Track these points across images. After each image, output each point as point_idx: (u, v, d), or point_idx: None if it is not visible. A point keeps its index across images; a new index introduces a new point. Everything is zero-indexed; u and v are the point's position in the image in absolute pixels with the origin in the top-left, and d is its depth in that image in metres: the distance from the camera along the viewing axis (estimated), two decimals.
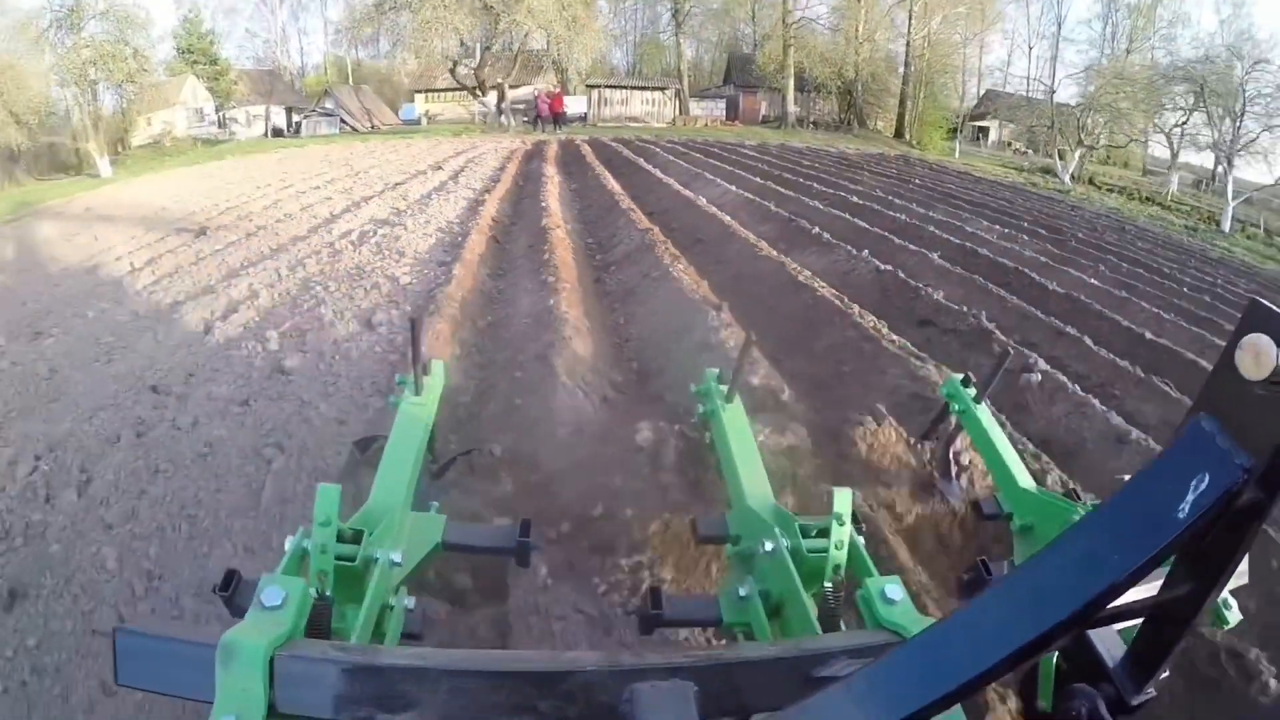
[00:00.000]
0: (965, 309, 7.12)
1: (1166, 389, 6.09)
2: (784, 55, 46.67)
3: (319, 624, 1.60)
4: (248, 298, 7.55)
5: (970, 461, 3.95)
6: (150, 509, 3.92)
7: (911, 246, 10.21)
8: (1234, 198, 33.16)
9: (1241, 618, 2.07)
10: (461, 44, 40.23)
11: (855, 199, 14.73)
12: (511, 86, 43.53)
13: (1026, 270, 9.83)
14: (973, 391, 3.41)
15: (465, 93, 43.20)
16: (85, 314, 7.76)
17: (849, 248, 9.47)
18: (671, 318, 6.52)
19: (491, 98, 42.73)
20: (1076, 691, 1.23)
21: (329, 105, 46.85)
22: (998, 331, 6.64)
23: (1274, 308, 0.84)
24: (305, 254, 9.49)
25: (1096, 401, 5.42)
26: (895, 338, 6.06)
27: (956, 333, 6.72)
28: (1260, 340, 0.82)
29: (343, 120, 44.88)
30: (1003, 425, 3.85)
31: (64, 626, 3.20)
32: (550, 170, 18.10)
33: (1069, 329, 7.32)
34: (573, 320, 6.10)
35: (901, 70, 48.89)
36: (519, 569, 2.83)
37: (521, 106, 42.96)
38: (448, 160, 21.49)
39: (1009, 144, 49.02)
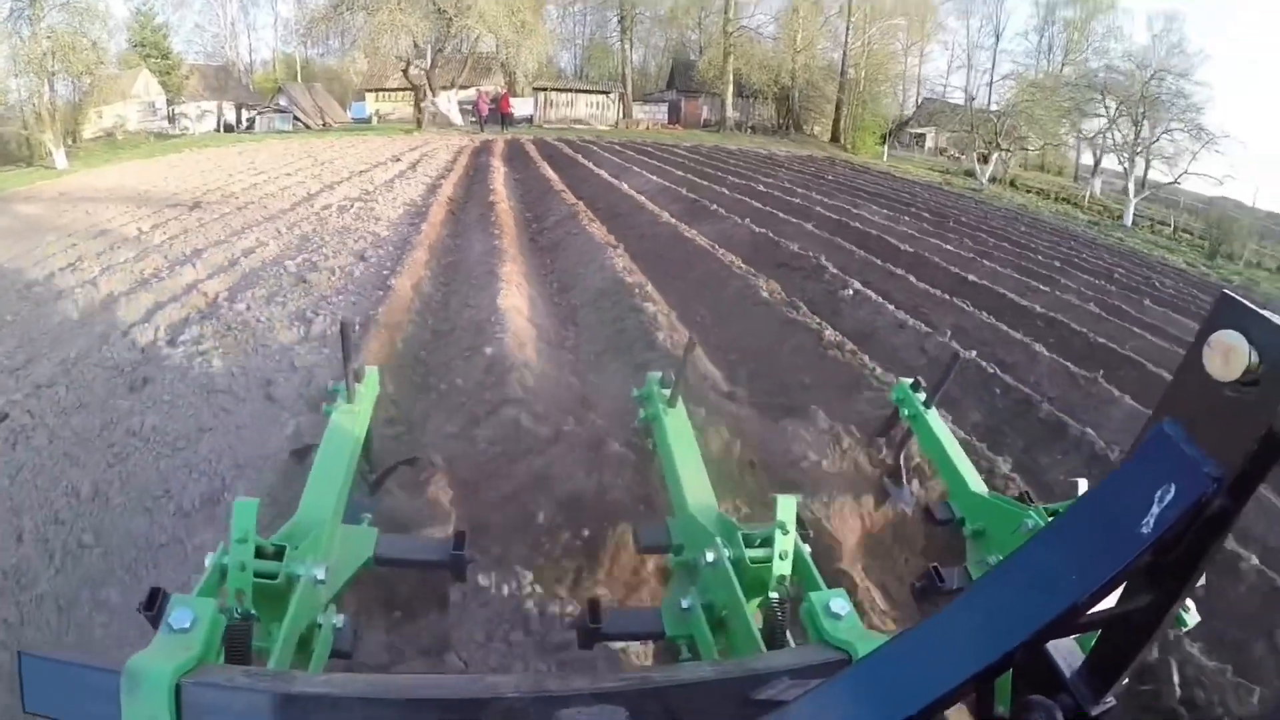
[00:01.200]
0: (813, 256, 9.66)
1: (962, 305, 8.67)
2: (724, 62, 49.41)
3: (238, 645, 1.61)
4: (258, 246, 9.87)
5: (917, 465, 4.14)
6: (242, 330, 6.30)
7: (793, 220, 12.84)
8: (1135, 195, 36.85)
9: (1200, 619, 2.12)
10: (414, 45, 42.09)
11: (761, 188, 17.47)
12: (461, 87, 45.73)
13: (887, 238, 12.50)
14: (923, 396, 3.53)
15: (415, 92, 45.23)
16: (118, 259, 9.84)
17: (738, 219, 12.04)
18: (583, 255, 9.10)
19: (442, 98, 44.78)
20: (1033, 704, 1.12)
21: (283, 102, 48.25)
22: (832, 268, 9.16)
23: (1243, 301, 0.82)
24: (296, 220, 11.82)
25: (893, 308, 7.90)
26: (743, 268, 8.59)
27: (801, 270, 9.25)
28: (1229, 337, 0.80)
29: (295, 117, 46.16)
30: (856, 347, 6.18)
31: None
32: (497, 163, 20.55)
33: (900, 272, 9.92)
34: (511, 254, 8.63)
35: (839, 78, 51.58)
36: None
37: (469, 107, 45.15)
38: (404, 154, 23.87)
39: (943, 150, 51.74)
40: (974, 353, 6.73)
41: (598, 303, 7.33)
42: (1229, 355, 0.79)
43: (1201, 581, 1.03)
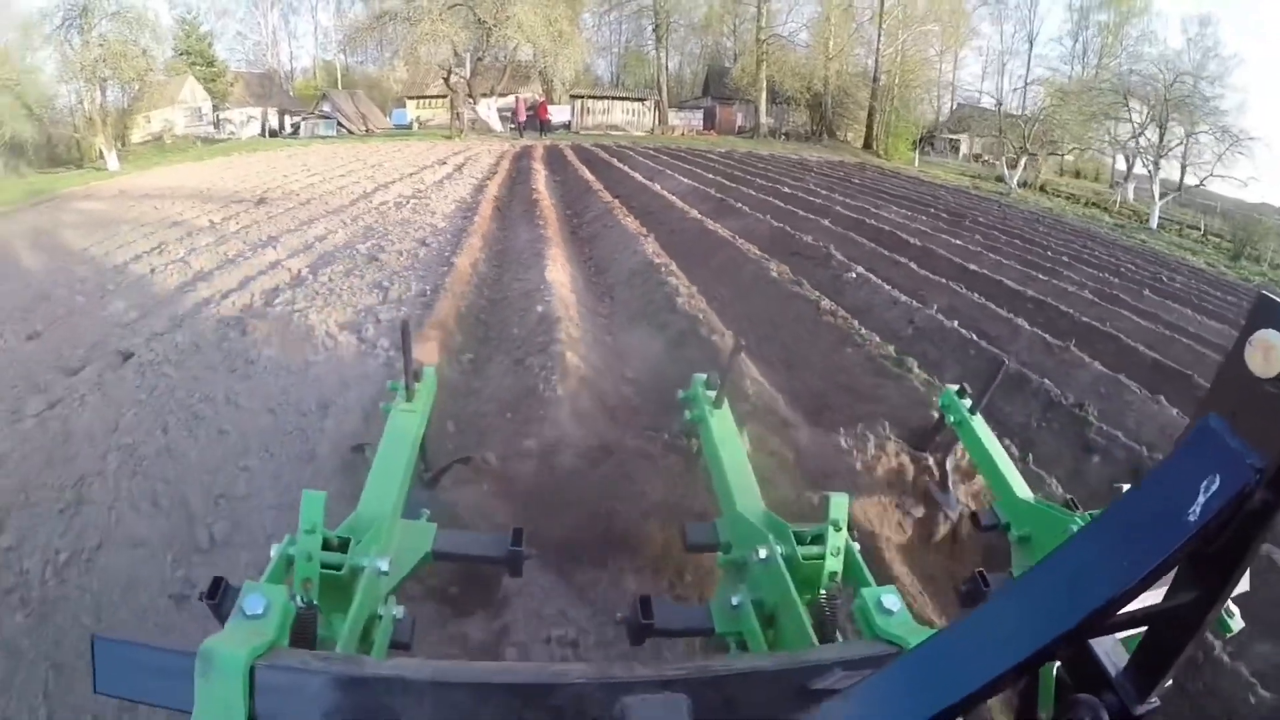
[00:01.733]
0: (825, 246, 10.78)
1: (958, 289, 9.72)
2: (757, 69, 50.71)
3: (304, 633, 1.69)
4: (328, 234, 11.17)
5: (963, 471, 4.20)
6: (329, 295, 7.53)
7: (812, 218, 13.98)
8: (1161, 198, 37.65)
9: (1244, 625, 2.15)
10: (455, 54, 43.64)
11: (786, 190, 18.66)
12: (500, 94, 47.24)
13: (900, 234, 13.60)
14: (968, 403, 3.57)
15: (454, 99, 46.64)
16: (200, 244, 11.09)
17: (760, 215, 13.21)
18: (617, 244, 10.32)
19: (482, 105, 46.29)
20: (1078, 702, 1.20)
21: (326, 108, 49.88)
22: (840, 256, 10.28)
23: None
24: (358, 214, 13.14)
25: (890, 289, 8.97)
26: (759, 254, 9.73)
27: (812, 258, 10.38)
28: (1270, 336, 0.84)
29: (339, 123, 47.87)
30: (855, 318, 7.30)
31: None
32: (538, 166, 21.99)
33: (905, 261, 11.01)
34: (554, 242, 9.88)
35: (871, 85, 52.42)
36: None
37: (508, 114, 46.79)
38: (448, 158, 25.29)
39: (978, 156, 52.23)
40: (956, 322, 7.82)
41: (630, 280, 8.56)
42: (1269, 354, 0.83)
43: (1244, 587, 1.09)
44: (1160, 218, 37.61)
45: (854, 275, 9.37)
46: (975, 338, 7.53)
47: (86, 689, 2.35)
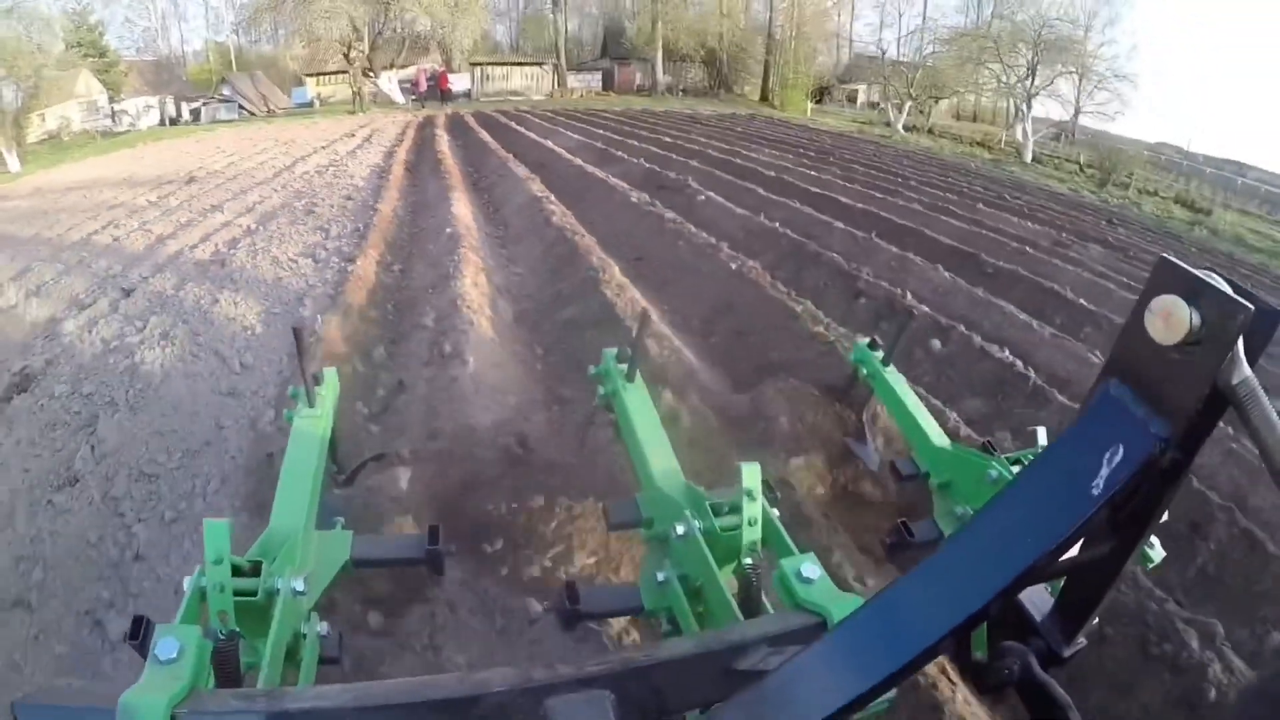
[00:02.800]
0: (687, 180, 13.18)
1: (797, 206, 12.13)
2: (653, 29, 53.04)
3: (227, 666, 1.69)
4: (263, 199, 13.25)
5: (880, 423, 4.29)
6: (281, 239, 9.69)
7: (684, 160, 16.44)
8: (1033, 134, 41.60)
9: (1165, 554, 2.32)
10: (353, 29, 45.01)
11: (668, 139, 21.17)
12: (400, 67, 48.80)
13: (761, 170, 16.10)
14: (880, 355, 3.69)
15: (353, 74, 47.88)
16: (150, 218, 13.03)
17: (638, 160, 15.59)
18: (510, 188, 12.71)
19: (383, 78, 47.80)
20: (1007, 649, 1.26)
21: (226, 91, 50.46)
22: (696, 185, 12.70)
23: (1183, 265, 0.89)
24: (284, 182, 15.20)
25: (734, 208, 11.32)
26: (627, 189, 12.11)
27: (672, 189, 12.78)
28: (1171, 302, 0.86)
29: (240, 106, 48.47)
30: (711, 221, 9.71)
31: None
32: (441, 133, 24.10)
33: (756, 188, 13.45)
34: (458, 190, 12.19)
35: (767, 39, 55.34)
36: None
37: (409, 85, 48.29)
38: (356, 131, 27.19)
39: (874, 104, 54.65)
40: (777, 223, 10.27)
41: (519, 211, 10.97)
42: (1170, 319, 0.86)
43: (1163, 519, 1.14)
44: (1040, 153, 41.16)
45: (703, 198, 11.80)
46: (791, 234, 9.94)
47: None
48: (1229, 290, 0.86)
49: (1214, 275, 0.88)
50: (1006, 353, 6.30)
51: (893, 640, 1.04)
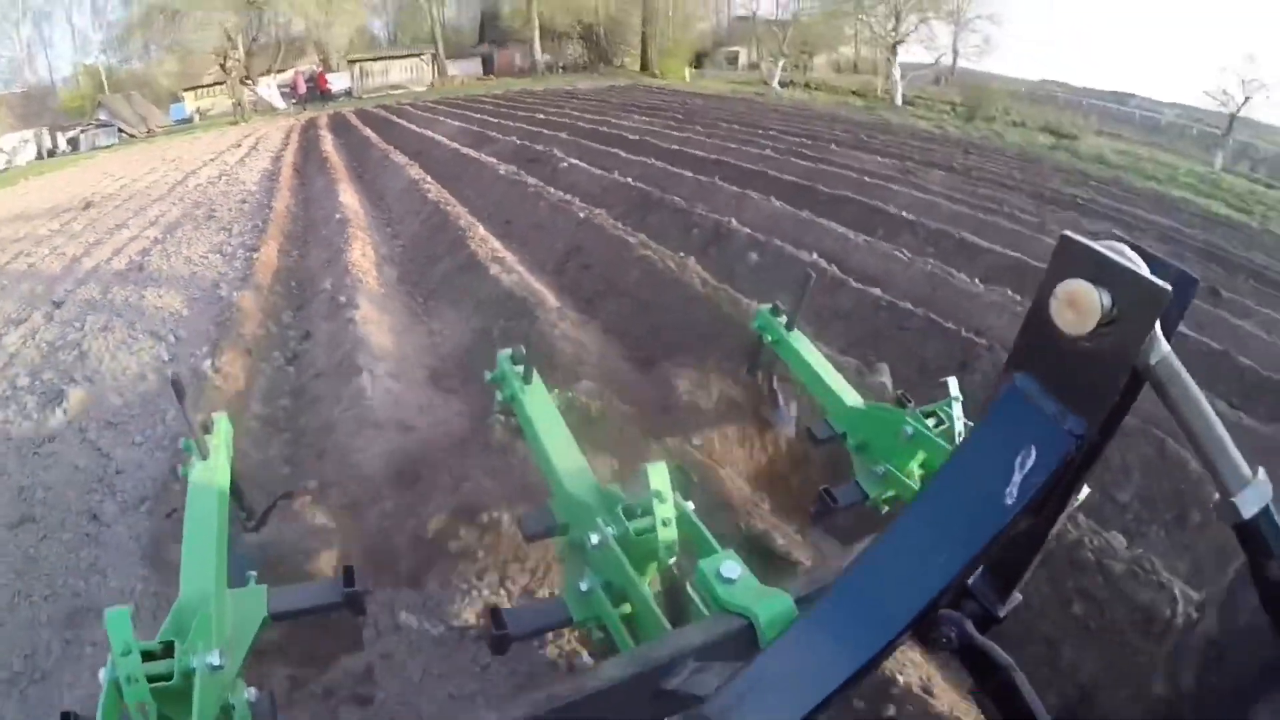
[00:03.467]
0: (552, 151, 14.63)
1: (651, 162, 13.59)
2: (529, 9, 54.33)
3: None
4: (163, 214, 14.38)
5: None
6: (190, 243, 10.95)
7: (554, 134, 17.91)
8: (903, 79, 44.13)
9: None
10: (227, 38, 45.35)
11: (541, 116, 22.69)
12: (278, 71, 49.24)
13: (625, 135, 17.67)
14: (783, 320, 3.70)
15: (231, 84, 48.16)
16: (56, 243, 14.09)
17: (511, 139, 17.01)
18: (391, 176, 14.13)
19: (261, 85, 48.23)
20: (942, 618, 1.20)
21: (103, 116, 49.95)
22: (560, 154, 14.16)
23: (1088, 243, 0.83)
24: (180, 196, 16.31)
25: (595, 170, 12.79)
26: (497, 164, 13.54)
27: (539, 160, 14.20)
28: (1078, 287, 0.80)
29: (119, 129, 48.07)
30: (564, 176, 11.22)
31: None
32: (324, 133, 25.20)
33: (617, 151, 14.94)
34: (343, 183, 13.55)
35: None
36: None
37: (288, 89, 48.81)
38: (241, 141, 28.06)
39: (754, 65, 56.22)
40: (631, 179, 11.80)
41: (399, 195, 12.41)
42: (1079, 307, 0.80)
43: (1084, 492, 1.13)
44: (914, 97, 43.80)
45: (566, 165, 13.30)
46: (642, 185, 11.43)
47: None
48: (1143, 268, 0.80)
49: (1123, 249, 0.83)
50: (815, 256, 7.89)
51: (814, 669, 1.02)
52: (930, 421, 2.93)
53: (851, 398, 3.31)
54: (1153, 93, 47.41)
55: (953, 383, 3.06)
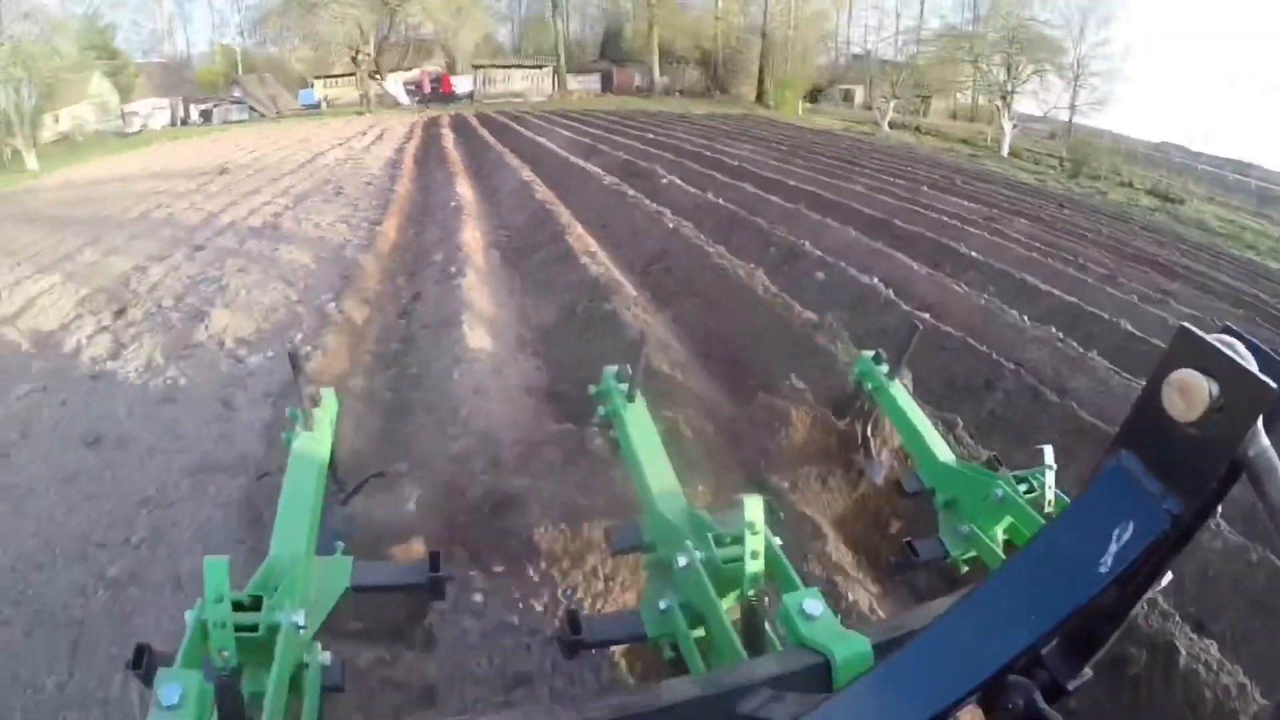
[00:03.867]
0: (658, 170, 15.68)
1: (745, 187, 14.61)
2: (649, 31, 56.17)
3: (229, 700, 1.73)
4: (295, 185, 15.85)
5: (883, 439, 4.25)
6: (319, 211, 12.22)
7: (660, 153, 18.99)
8: (1012, 130, 44.79)
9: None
10: (360, 33, 47.88)
11: (651, 136, 23.77)
12: (405, 69, 51.65)
13: (726, 160, 18.65)
14: (885, 369, 3.67)
15: (360, 76, 50.95)
16: (195, 201, 15.61)
17: (617, 154, 18.14)
18: (504, 175, 15.35)
19: (389, 80, 50.64)
20: (1011, 684, 1.23)
21: (237, 93, 53.50)
22: (662, 172, 15.19)
23: (1200, 334, 0.87)
24: (310, 172, 17.85)
25: (692, 189, 13.84)
26: (604, 174, 14.62)
27: (642, 176, 15.27)
28: (1189, 377, 0.85)
29: (251, 107, 51.60)
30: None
31: None
32: (445, 131, 26.88)
33: (716, 174, 15.98)
34: (461, 177, 14.78)
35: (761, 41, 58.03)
36: None
37: (413, 88, 51.28)
38: (367, 130, 30.07)
39: (869, 105, 56.70)
40: (723, 200, 12.74)
41: (510, 193, 13.56)
42: (1188, 394, 0.85)
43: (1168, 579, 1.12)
44: (1024, 149, 44.06)
45: (665, 181, 14.31)
46: (732, 206, 12.35)
47: None
48: (1253, 364, 0.85)
49: (1235, 343, 0.87)
50: (875, 280, 8.69)
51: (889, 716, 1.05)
52: (1021, 488, 2.92)
53: (944, 454, 3.30)
54: (1268, 161, 46.28)
55: (1048, 451, 3.03)
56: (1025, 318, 8.38)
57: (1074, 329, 8.06)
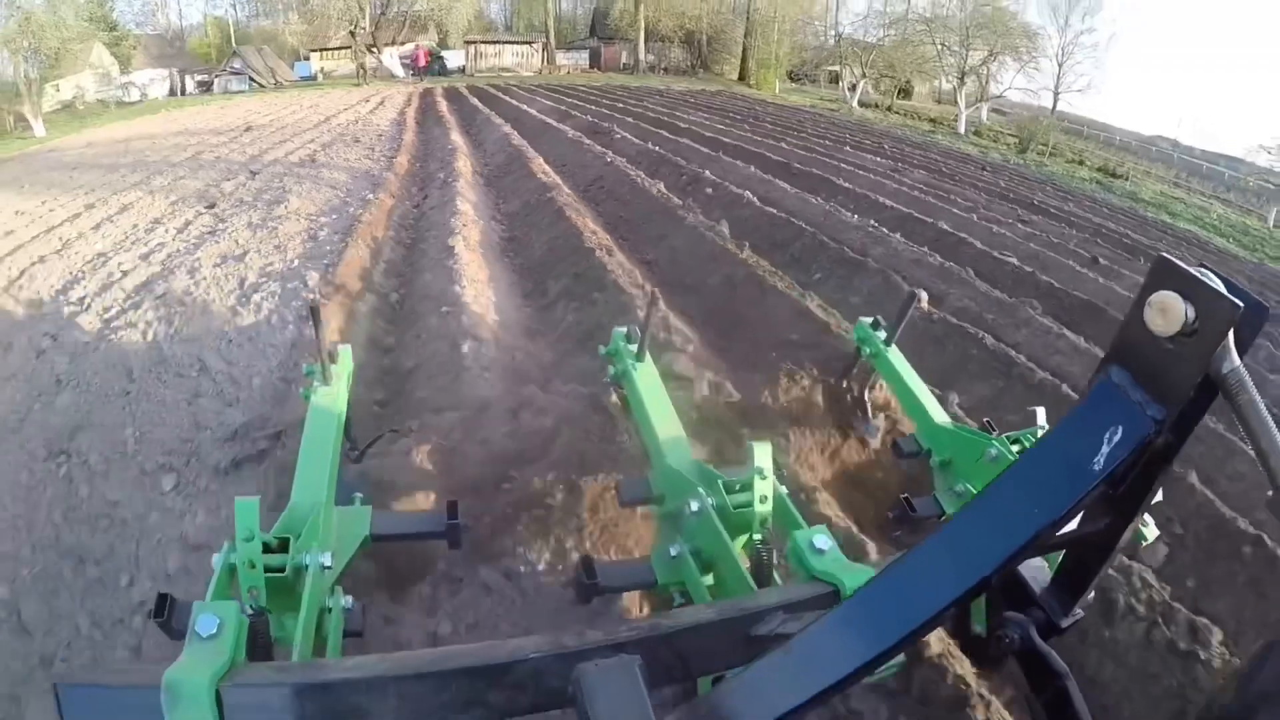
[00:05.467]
0: (612, 128, 19.67)
1: (683, 141, 18.60)
2: (635, 10, 60.22)
3: (259, 640, 1.82)
4: (315, 139, 19.81)
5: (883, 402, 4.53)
6: (345, 153, 16.27)
7: (624, 118, 23.03)
8: (966, 108, 49.44)
9: (1159, 533, 2.57)
10: (359, 8, 51.97)
11: (622, 106, 27.97)
12: (400, 43, 55.77)
13: (684, 125, 22.65)
14: (883, 334, 3.90)
15: (356, 50, 54.82)
16: (232, 148, 19.58)
17: (587, 118, 22.18)
18: (492, 134, 19.51)
19: (385, 54, 54.77)
20: (1008, 620, 1.40)
21: (237, 65, 56.75)
22: (620, 130, 19.17)
23: (1180, 263, 1.01)
24: (328, 128, 21.87)
25: (642, 143, 17.71)
26: (572, 132, 18.67)
27: (603, 134, 19.20)
28: (1168, 297, 0.99)
29: (250, 78, 54.80)
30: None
31: None
32: (440, 100, 31.11)
33: (668, 135, 19.94)
34: (455, 132, 18.96)
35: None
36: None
37: (408, 61, 55.60)
38: (369, 98, 34.15)
39: (853, 85, 59.84)
40: (660, 149, 16.76)
41: (494, 143, 17.68)
42: (1167, 312, 0.99)
43: (1158, 498, 1.29)
44: (974, 125, 48.45)
45: (619, 137, 18.30)
46: (665, 153, 16.22)
47: None
48: (1222, 288, 0.98)
49: (1209, 273, 1.01)
50: (749, 194, 12.63)
51: (902, 607, 1.17)
52: (1014, 448, 3.06)
53: (940, 416, 3.50)
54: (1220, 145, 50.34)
55: (1040, 413, 3.26)
56: (856, 217, 12.11)
57: (898, 228, 11.51)
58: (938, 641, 2.81)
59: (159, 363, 5.93)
